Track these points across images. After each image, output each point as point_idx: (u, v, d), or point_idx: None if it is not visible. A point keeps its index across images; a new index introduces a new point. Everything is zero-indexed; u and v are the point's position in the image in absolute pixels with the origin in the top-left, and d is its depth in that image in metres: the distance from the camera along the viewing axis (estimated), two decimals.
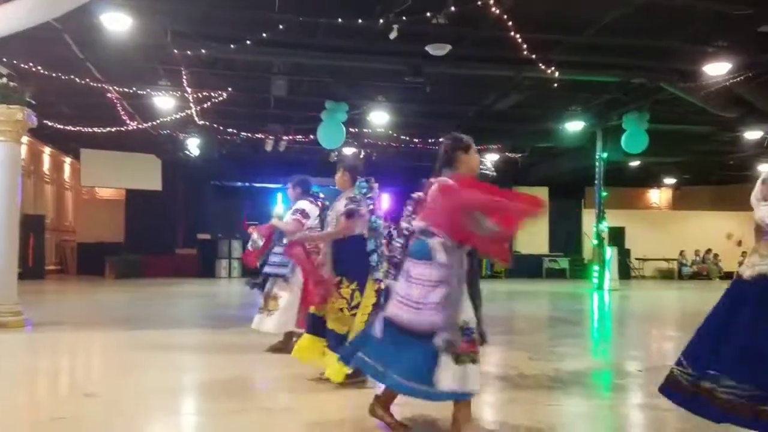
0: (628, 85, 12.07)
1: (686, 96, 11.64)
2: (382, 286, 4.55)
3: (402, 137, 16.66)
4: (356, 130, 15.42)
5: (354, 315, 4.57)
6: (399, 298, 3.42)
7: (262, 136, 16.31)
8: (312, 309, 4.84)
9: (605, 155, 16.42)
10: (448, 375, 3.25)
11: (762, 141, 15.93)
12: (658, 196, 26.06)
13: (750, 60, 9.98)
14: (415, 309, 3.33)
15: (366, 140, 17.01)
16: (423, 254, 3.40)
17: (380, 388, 3.65)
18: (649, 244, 22.33)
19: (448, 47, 9.46)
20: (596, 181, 16.78)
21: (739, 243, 20.67)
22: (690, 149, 17.42)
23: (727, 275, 22.02)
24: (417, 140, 17.04)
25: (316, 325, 4.74)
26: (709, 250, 22.44)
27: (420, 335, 3.30)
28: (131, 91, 12.30)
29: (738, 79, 10.56)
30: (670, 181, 24.28)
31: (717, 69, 10.14)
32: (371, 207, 4.75)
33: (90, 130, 14.84)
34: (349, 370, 4.44)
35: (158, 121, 14.50)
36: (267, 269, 6.20)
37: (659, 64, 10.80)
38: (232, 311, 10.60)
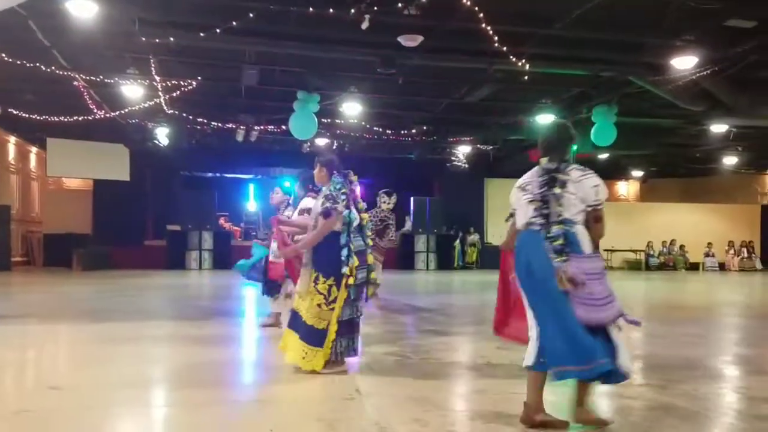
0: (598, 78, 12.21)
1: (654, 89, 11.81)
2: (350, 281, 4.72)
3: (375, 128, 16.66)
4: (329, 120, 15.37)
5: (332, 309, 4.70)
6: (581, 300, 3.36)
7: (233, 126, 16.17)
8: (295, 304, 4.96)
9: (575, 148, 16.57)
10: (625, 357, 3.45)
11: (727, 134, 16.27)
12: (627, 189, 26.48)
13: (716, 54, 10.15)
14: (601, 306, 3.39)
15: (338, 131, 16.97)
16: (575, 247, 3.48)
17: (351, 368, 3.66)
18: (617, 236, 22.59)
19: (420, 38, 9.47)
20: None
21: None
22: (657, 142, 17.71)
23: (693, 266, 22.51)
24: (390, 131, 17.05)
25: (295, 319, 4.89)
26: (674, 241, 22.87)
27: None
28: (98, 79, 12.08)
29: (704, 72, 10.74)
30: (638, 173, 24.67)
31: (684, 63, 10.30)
32: (345, 201, 4.82)
33: (56, 119, 14.56)
34: (324, 359, 4.68)
35: (126, 110, 14.28)
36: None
37: (628, 58, 10.93)
38: (202, 303, 10.52)
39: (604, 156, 19.65)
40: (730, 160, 21.00)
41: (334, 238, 4.78)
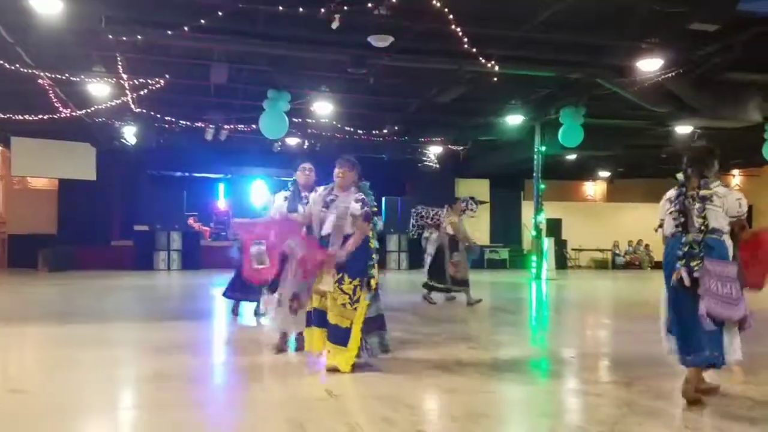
0: (565, 80, 12.36)
1: (620, 91, 11.99)
2: (374, 281, 5.03)
3: (346, 128, 16.63)
4: (299, 120, 15.30)
5: (356, 309, 4.86)
6: (719, 298, 4.00)
7: (202, 125, 15.99)
8: (315, 303, 5.02)
9: (543, 149, 16.81)
10: (738, 346, 4.15)
11: (692, 135, 16.59)
12: (594, 189, 26.86)
13: (680, 56, 10.35)
14: (733, 305, 4.02)
15: (310, 131, 16.90)
16: (723, 254, 4.11)
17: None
18: (584, 235, 23.01)
19: (391, 39, 9.48)
20: (534, 174, 17.17)
21: None
22: (624, 143, 17.98)
23: (658, 264, 22.87)
24: (361, 131, 17.04)
25: (320, 318, 4.98)
26: (640, 241, 23.27)
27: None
28: (64, 77, 11.85)
29: (669, 75, 10.94)
30: (604, 174, 25.03)
31: (650, 65, 10.48)
32: (375, 207, 5.14)
33: (21, 117, 14.24)
34: (354, 360, 4.83)
35: (93, 109, 14.02)
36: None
37: (595, 60, 11.08)
38: (171, 304, 10.41)
39: (571, 157, 19.90)
40: None
41: (363, 241, 4.95)
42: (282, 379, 4.72)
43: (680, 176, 4.37)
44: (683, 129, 15.76)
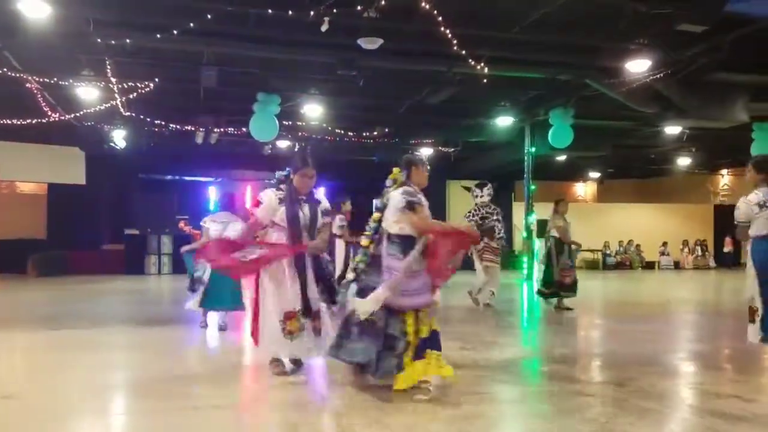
0: (554, 81, 12.41)
1: (609, 92, 12.06)
2: None
3: (337, 130, 16.64)
4: (290, 122, 15.30)
5: None
6: None
7: (192, 128, 15.95)
8: (434, 325, 4.49)
9: (533, 150, 16.87)
10: None
11: (681, 136, 16.70)
12: (584, 190, 26.98)
13: (668, 57, 10.42)
14: None
15: (300, 133, 16.90)
16: None
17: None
18: (575, 236, 23.03)
19: (380, 41, 9.49)
20: (525, 175, 17.23)
21: None
22: (613, 144, 18.08)
23: (648, 264, 23.05)
24: (352, 133, 17.05)
25: (436, 339, 4.47)
26: (631, 241, 23.38)
27: None
28: (52, 81, 11.80)
29: (658, 75, 11.01)
30: (594, 174, 25.14)
31: (638, 66, 10.54)
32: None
33: (9, 121, 14.17)
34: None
35: (81, 113, 13.97)
36: None
37: (583, 61, 11.14)
38: (162, 308, 10.36)
39: (561, 157, 19.97)
40: (683, 161, 21.55)
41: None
42: (273, 384, 4.70)
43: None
44: (671, 129, 15.87)
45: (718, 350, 6.50)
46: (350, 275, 4.64)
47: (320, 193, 5.01)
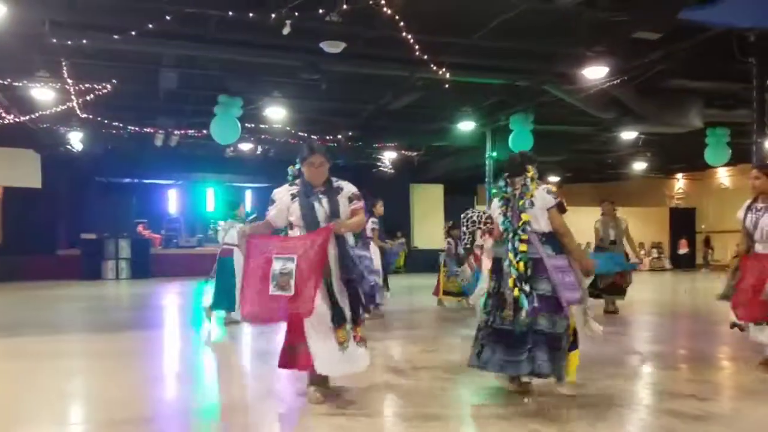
0: (515, 87, 12.58)
1: (568, 98, 12.27)
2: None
3: (300, 133, 16.56)
4: (252, 125, 15.17)
5: None
6: None
7: (152, 131, 15.70)
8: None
9: (494, 154, 17.06)
10: None
11: (636, 141, 17.10)
12: None
13: (625, 64, 10.65)
14: None
15: (263, 136, 16.78)
16: None
17: None
18: None
19: (343, 45, 9.49)
20: (486, 180, 17.42)
21: None
22: (571, 149, 18.41)
23: None
24: (315, 137, 16.98)
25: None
26: (589, 243, 23.72)
27: None
28: (6, 82, 11.50)
29: (615, 82, 11.25)
30: (554, 178, 25.54)
31: (595, 72, 10.75)
32: (503, 209, 4.64)
33: None
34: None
35: (37, 114, 13.64)
36: None
37: (543, 68, 11.31)
38: (120, 315, 10.17)
39: None
40: (639, 166, 22.05)
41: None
42: (232, 388, 4.66)
43: None
44: (628, 135, 16.22)
45: (674, 351, 6.65)
46: (485, 285, 4.65)
47: (344, 182, 4.37)
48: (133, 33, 8.83)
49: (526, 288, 4.24)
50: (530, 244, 4.33)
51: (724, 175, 23.79)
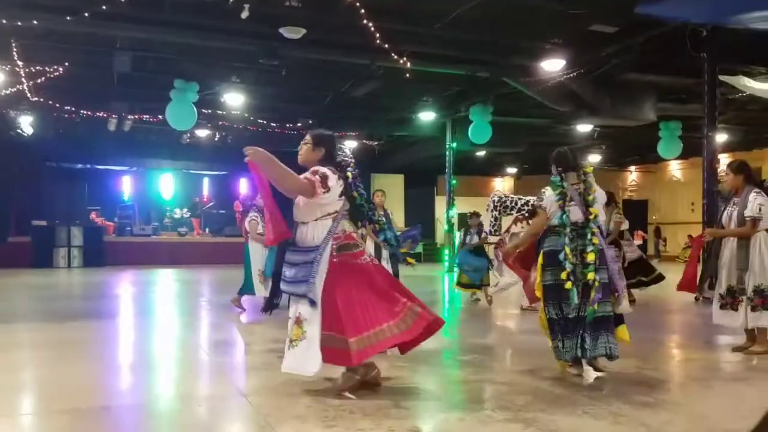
0: (474, 78, 12.66)
1: (525, 90, 12.41)
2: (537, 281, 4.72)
3: (259, 120, 16.38)
4: (209, 111, 14.94)
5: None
6: None
7: (105, 115, 15.33)
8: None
9: (454, 145, 17.17)
10: None
11: (592, 133, 17.41)
12: (502, 184, 27.69)
13: (581, 57, 10.81)
14: None
15: (220, 122, 16.54)
16: None
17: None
18: None
19: (303, 31, 9.41)
20: (447, 170, 17.53)
21: None
22: (529, 140, 18.65)
23: None
24: (275, 124, 16.83)
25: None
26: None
27: None
28: None
29: (571, 75, 11.41)
30: (512, 170, 25.87)
31: (553, 65, 10.89)
32: (560, 201, 4.76)
33: None
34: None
35: None
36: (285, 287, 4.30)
37: (501, 59, 11.41)
38: (72, 304, 9.93)
39: (481, 153, 20.42)
40: (594, 158, 22.47)
41: (543, 236, 4.80)
42: (188, 379, 4.59)
43: None
44: (583, 127, 16.50)
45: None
46: (509, 278, 4.88)
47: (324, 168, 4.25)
48: (86, 14, 8.59)
49: (597, 277, 4.52)
50: (598, 236, 4.67)
51: (675, 168, 24.42)
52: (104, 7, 8.46)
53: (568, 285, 4.47)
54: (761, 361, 5.38)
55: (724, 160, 13.05)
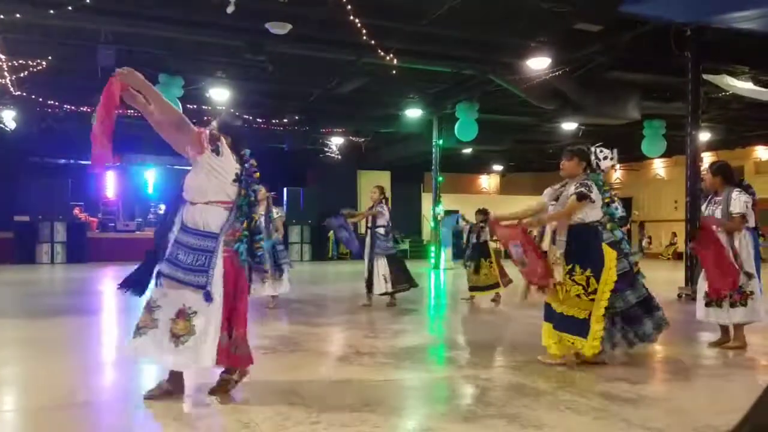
0: (460, 75, 12.68)
1: (511, 88, 12.45)
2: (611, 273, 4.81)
3: (245, 116, 16.29)
4: (194, 106, 14.84)
5: (592, 300, 4.75)
6: None
7: (88, 110, 15.17)
8: (548, 299, 5.05)
9: (441, 142, 17.19)
10: None
11: (576, 132, 17.50)
12: (488, 182, 27.81)
13: (566, 56, 10.86)
14: None
15: (206, 118, 16.42)
16: None
17: None
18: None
19: (289, 26, 9.37)
20: (433, 167, 17.55)
21: None
22: (515, 138, 18.72)
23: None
24: (261, 120, 16.76)
25: (548, 312, 5.06)
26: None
27: None
28: None
29: (556, 73, 11.47)
30: (498, 167, 25.97)
31: (538, 63, 10.93)
32: (608, 198, 5.12)
33: None
34: (590, 350, 4.74)
35: None
36: None
37: (487, 57, 11.43)
38: (55, 300, 9.84)
39: (467, 150, 20.47)
40: None
41: (594, 232, 4.92)
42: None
43: None
44: (568, 126, 16.59)
45: None
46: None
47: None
48: (70, 8, 8.50)
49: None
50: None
51: (659, 166, 24.62)
52: (88, 1, 8.39)
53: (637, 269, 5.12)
54: (736, 357, 5.46)
55: (707, 158, 13.16)
